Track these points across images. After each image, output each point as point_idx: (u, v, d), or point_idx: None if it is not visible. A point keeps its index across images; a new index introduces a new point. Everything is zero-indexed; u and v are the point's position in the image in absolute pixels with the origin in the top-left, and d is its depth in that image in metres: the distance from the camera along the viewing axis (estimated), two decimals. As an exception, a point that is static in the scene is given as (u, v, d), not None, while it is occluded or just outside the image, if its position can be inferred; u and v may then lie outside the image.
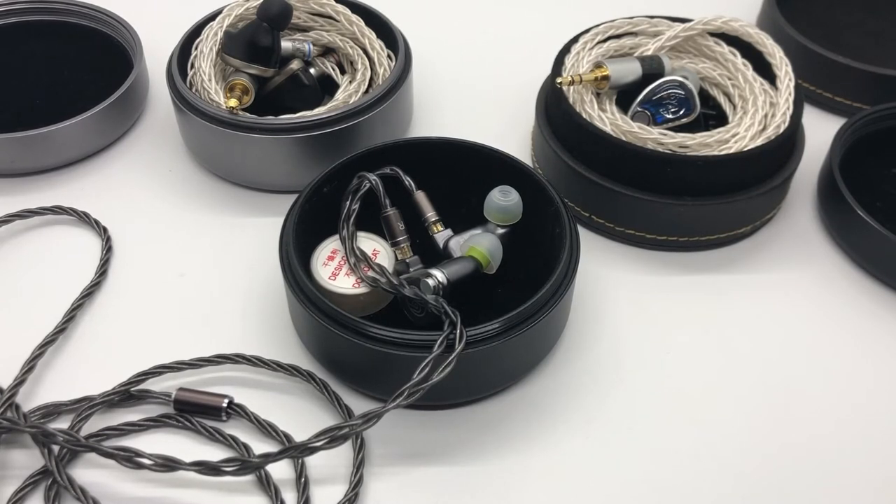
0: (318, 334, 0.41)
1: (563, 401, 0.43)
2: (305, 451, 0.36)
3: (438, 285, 0.41)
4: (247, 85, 0.51)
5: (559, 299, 0.40)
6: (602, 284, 0.48)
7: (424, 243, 0.45)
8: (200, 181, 0.54)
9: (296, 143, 0.50)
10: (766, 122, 0.49)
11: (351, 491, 0.38)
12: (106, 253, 0.49)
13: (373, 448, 0.40)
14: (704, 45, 0.54)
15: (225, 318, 0.46)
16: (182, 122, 0.53)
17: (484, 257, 0.42)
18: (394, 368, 0.39)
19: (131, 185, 0.54)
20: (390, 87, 0.52)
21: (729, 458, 0.40)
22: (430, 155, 0.47)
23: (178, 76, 0.52)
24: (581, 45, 0.53)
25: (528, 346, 0.41)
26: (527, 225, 0.45)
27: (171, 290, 0.48)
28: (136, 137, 0.57)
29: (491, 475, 0.40)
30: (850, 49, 0.58)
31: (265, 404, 0.42)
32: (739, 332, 0.46)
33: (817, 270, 0.49)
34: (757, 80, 0.51)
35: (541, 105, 0.53)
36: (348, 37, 0.56)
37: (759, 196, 0.48)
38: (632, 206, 0.48)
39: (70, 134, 0.53)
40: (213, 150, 0.52)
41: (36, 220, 0.51)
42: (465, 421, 0.42)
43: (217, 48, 0.53)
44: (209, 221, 0.51)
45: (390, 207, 0.44)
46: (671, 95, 0.49)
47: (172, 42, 0.54)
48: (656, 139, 0.47)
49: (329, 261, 0.43)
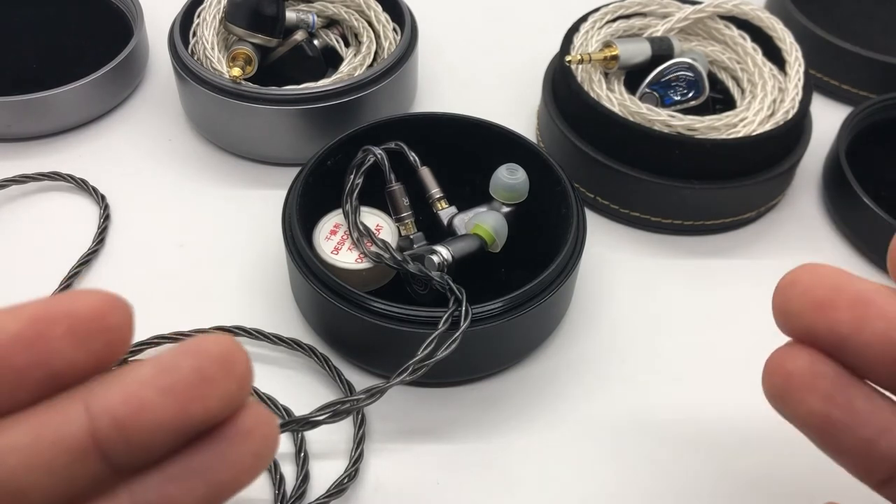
0: (320, 308, 0.41)
1: (564, 381, 0.42)
2: (307, 424, 0.35)
3: (443, 262, 0.40)
4: (250, 54, 0.50)
5: (564, 280, 0.40)
6: (606, 266, 0.48)
7: (428, 220, 0.44)
8: (201, 151, 0.53)
9: (299, 114, 0.49)
10: (774, 108, 0.49)
11: (351, 466, 0.38)
12: (104, 221, 0.48)
13: (372, 424, 0.40)
14: (714, 28, 0.53)
15: (225, 290, 0.46)
16: (183, 90, 0.52)
17: (489, 235, 0.42)
18: (396, 344, 0.39)
19: (130, 153, 0.53)
20: (396, 61, 0.51)
21: (731, 441, 0.40)
22: (435, 131, 0.47)
23: (180, 44, 0.51)
24: (590, 24, 0.52)
25: (531, 325, 0.41)
26: (532, 204, 0.44)
27: (169, 261, 0.47)
28: (135, 106, 0.56)
29: (491, 453, 0.39)
30: (858, 37, 0.58)
31: (265, 378, 0.41)
32: (742, 316, 0.46)
33: (821, 258, 0.49)
34: (766, 64, 0.51)
35: (548, 84, 0.53)
36: (353, 9, 0.55)
37: (765, 181, 0.48)
38: (638, 188, 0.48)
39: (68, 99, 0.52)
40: (214, 120, 0.51)
41: (33, 186, 0.50)
42: (467, 399, 0.42)
43: (220, 16, 0.52)
44: (209, 192, 0.51)
45: (395, 182, 0.44)
46: (680, 77, 0.49)
47: (173, 9, 0.53)
48: (664, 121, 0.47)
49: (332, 235, 0.43)
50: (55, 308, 0.20)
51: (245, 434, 0.21)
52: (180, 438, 0.21)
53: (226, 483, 0.21)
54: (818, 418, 0.24)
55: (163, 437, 0.20)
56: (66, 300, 0.20)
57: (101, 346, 0.20)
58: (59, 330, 0.20)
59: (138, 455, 0.20)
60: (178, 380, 0.20)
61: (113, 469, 0.21)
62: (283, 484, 0.37)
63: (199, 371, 0.20)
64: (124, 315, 0.21)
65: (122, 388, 0.20)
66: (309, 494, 0.37)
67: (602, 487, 0.39)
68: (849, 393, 0.24)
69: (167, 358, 0.20)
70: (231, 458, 0.21)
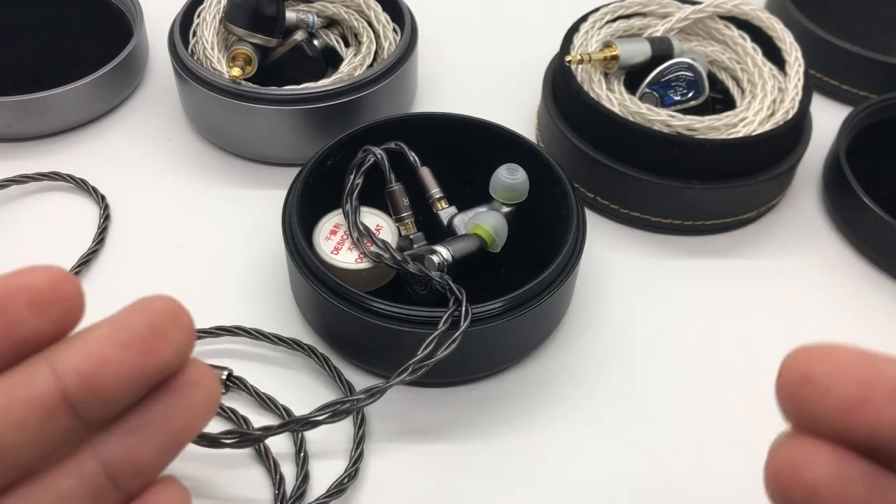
0: (320, 308, 0.41)
1: (564, 381, 0.42)
2: (307, 424, 0.35)
3: (443, 262, 0.40)
4: (250, 54, 0.50)
5: (564, 280, 0.40)
6: (605, 266, 0.48)
7: (428, 220, 0.44)
8: (201, 151, 0.53)
9: (299, 114, 0.49)
10: (774, 108, 0.49)
11: (351, 466, 0.38)
12: (104, 221, 0.48)
13: (372, 424, 0.40)
14: (714, 28, 0.53)
15: (225, 290, 0.46)
16: (183, 91, 0.52)
17: (489, 235, 0.42)
18: (396, 344, 0.39)
19: (130, 153, 0.53)
20: (396, 61, 0.51)
21: (729, 442, 0.40)
22: (435, 131, 0.47)
23: (180, 44, 0.51)
24: (590, 24, 0.52)
25: (531, 325, 0.41)
26: (532, 204, 0.44)
27: (169, 261, 0.47)
28: (134, 106, 0.56)
29: (491, 453, 0.39)
30: (858, 37, 0.58)
31: (265, 378, 0.41)
32: (741, 316, 0.46)
33: (821, 258, 0.49)
34: (766, 64, 0.51)
35: (548, 84, 0.53)
36: (353, 9, 0.55)
37: (765, 181, 0.48)
38: (637, 188, 0.48)
39: (68, 99, 0.52)
40: (214, 120, 0.51)
41: (33, 186, 0.50)
42: (466, 399, 0.41)
43: (220, 16, 0.52)
44: (209, 192, 0.51)
45: (395, 182, 0.44)
46: (680, 77, 0.49)
47: (173, 9, 0.53)
48: (664, 121, 0.47)
49: (332, 235, 0.43)
50: (15, 282, 0.22)
51: (193, 384, 0.23)
52: (140, 389, 0.22)
53: (181, 431, 0.23)
54: None
55: (125, 388, 0.22)
56: (23, 275, 0.22)
57: (59, 314, 0.22)
58: (21, 301, 0.21)
59: (105, 407, 0.22)
60: (134, 334, 0.22)
61: (82, 424, 0.22)
62: (283, 484, 0.37)
63: (152, 325, 0.22)
64: (75, 286, 0.22)
65: (83, 346, 0.22)
66: (309, 494, 0.37)
67: (602, 487, 0.38)
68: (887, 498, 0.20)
69: (120, 316, 0.22)
70: (183, 407, 0.23)
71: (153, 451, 0.23)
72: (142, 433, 0.23)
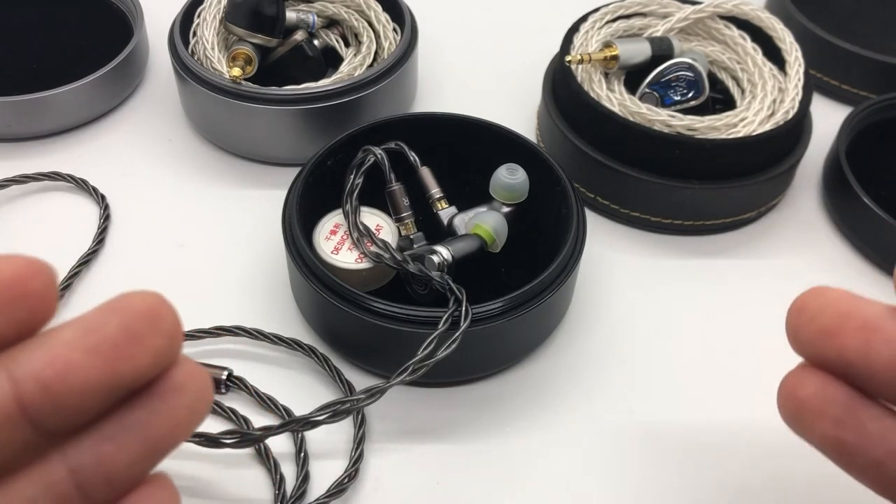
0: (320, 308, 0.41)
1: (564, 381, 0.42)
2: (307, 424, 0.35)
3: (443, 262, 0.40)
4: (250, 54, 0.50)
5: (564, 280, 0.40)
6: (606, 266, 0.48)
7: (428, 220, 0.44)
8: (201, 151, 0.53)
9: (299, 114, 0.49)
10: (774, 108, 0.49)
11: (351, 466, 0.38)
12: (104, 221, 0.48)
13: (372, 424, 0.40)
14: (714, 28, 0.53)
15: (225, 290, 0.46)
16: (183, 91, 0.52)
17: (489, 235, 0.42)
18: (396, 344, 0.39)
19: (130, 153, 0.53)
20: (396, 61, 0.51)
21: (729, 440, 0.40)
22: (435, 131, 0.47)
23: (180, 44, 0.51)
24: (590, 24, 0.52)
25: (531, 325, 0.41)
26: (532, 204, 0.44)
27: (170, 261, 0.47)
28: (135, 106, 0.56)
29: (491, 453, 0.39)
30: (858, 37, 0.58)
31: (265, 378, 0.41)
32: (741, 316, 0.46)
33: (821, 258, 0.49)
34: (766, 64, 0.51)
35: (548, 84, 0.53)
36: (353, 9, 0.55)
37: (765, 181, 0.48)
38: (638, 188, 0.48)
39: (68, 99, 0.52)
40: (214, 120, 0.51)
41: (33, 186, 0.50)
42: (466, 399, 0.41)
43: (220, 16, 0.52)
44: (210, 192, 0.51)
45: (395, 182, 0.44)
46: (680, 77, 0.49)
47: (173, 9, 0.53)
48: (664, 121, 0.47)
49: (332, 235, 0.43)
50: None
51: (178, 389, 0.21)
52: (111, 398, 0.20)
53: (161, 439, 0.21)
54: (830, 442, 0.25)
55: (92, 398, 0.20)
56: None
57: (23, 313, 0.20)
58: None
59: (68, 418, 0.20)
60: (105, 339, 0.19)
61: (43, 434, 0.20)
62: (283, 484, 0.37)
63: (126, 328, 0.20)
64: (46, 280, 0.20)
65: (45, 351, 0.19)
66: (309, 494, 0.37)
67: (602, 487, 0.38)
68: (859, 416, 0.24)
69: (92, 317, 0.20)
70: (165, 414, 0.21)
71: (128, 459, 0.21)
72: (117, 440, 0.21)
